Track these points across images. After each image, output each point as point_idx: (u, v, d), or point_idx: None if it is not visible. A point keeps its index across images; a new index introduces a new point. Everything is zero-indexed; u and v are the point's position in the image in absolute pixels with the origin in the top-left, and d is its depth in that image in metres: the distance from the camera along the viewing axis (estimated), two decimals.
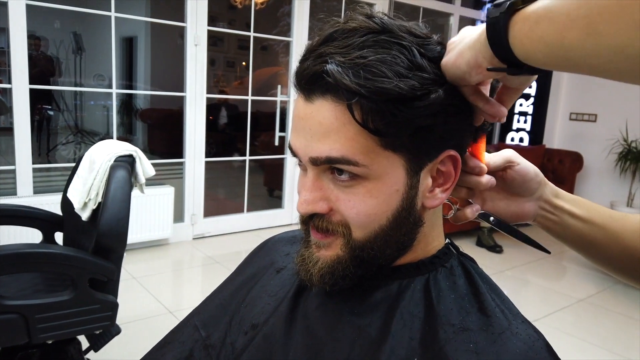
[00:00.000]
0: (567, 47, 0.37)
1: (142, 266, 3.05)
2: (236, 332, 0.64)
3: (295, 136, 0.52)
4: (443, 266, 0.56)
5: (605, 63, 0.35)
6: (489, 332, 0.49)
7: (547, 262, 3.71)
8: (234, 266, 0.80)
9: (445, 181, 0.54)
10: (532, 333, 0.50)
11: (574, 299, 3.03)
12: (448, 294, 0.54)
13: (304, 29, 3.98)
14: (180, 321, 0.73)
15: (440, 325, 0.51)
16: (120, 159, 1.64)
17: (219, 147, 6.55)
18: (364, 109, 0.47)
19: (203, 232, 3.69)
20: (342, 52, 0.47)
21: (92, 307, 1.45)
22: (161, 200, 3.31)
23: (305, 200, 0.52)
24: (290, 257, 0.69)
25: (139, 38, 7.78)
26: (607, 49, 0.34)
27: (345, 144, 0.48)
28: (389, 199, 0.51)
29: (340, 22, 0.51)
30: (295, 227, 3.74)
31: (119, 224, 1.49)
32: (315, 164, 0.51)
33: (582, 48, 0.36)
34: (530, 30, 0.40)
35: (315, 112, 0.49)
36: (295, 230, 0.75)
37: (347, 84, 0.46)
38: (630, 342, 2.53)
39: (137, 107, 7.38)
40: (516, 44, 0.41)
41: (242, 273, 0.73)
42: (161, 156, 6.38)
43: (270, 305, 0.63)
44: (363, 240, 0.52)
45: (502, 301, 0.54)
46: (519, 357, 0.47)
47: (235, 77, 8.55)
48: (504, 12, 0.41)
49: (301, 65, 0.50)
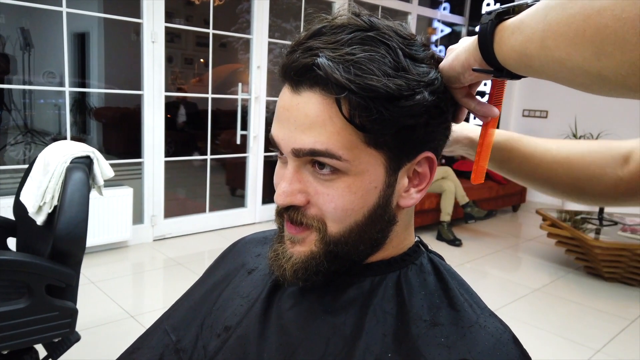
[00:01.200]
0: (529, 57, 0.42)
1: (100, 270, 2.95)
2: (208, 335, 0.63)
3: (279, 127, 0.52)
4: (413, 263, 0.58)
5: (555, 72, 0.41)
6: (459, 326, 0.51)
7: (503, 254, 3.84)
8: (197, 267, 0.79)
9: (420, 182, 0.55)
10: (499, 326, 0.52)
11: (529, 288, 3.15)
12: (419, 291, 0.55)
13: (264, 26, 3.95)
14: (150, 326, 0.72)
15: (412, 320, 0.52)
16: (77, 160, 1.58)
17: (178, 146, 6.41)
18: (351, 104, 0.48)
19: (164, 234, 3.61)
20: (331, 47, 0.48)
21: (50, 314, 1.39)
22: (119, 202, 3.21)
23: (284, 191, 0.52)
24: (261, 257, 0.69)
25: (92, 34, 7.51)
26: (552, 61, 0.40)
27: (331, 138, 0.49)
28: (367, 195, 0.52)
29: (328, 19, 0.52)
30: (258, 226, 3.72)
31: (78, 228, 1.44)
32: (297, 155, 0.51)
33: (538, 58, 0.41)
34: (507, 39, 0.45)
35: (301, 104, 0.50)
36: (266, 231, 0.75)
37: (338, 79, 0.46)
38: (583, 328, 2.65)
39: (91, 106, 7.13)
40: (497, 50, 0.46)
41: (213, 275, 0.72)
42: (118, 156, 6.19)
43: (243, 307, 0.62)
44: (338, 235, 0.53)
45: (470, 295, 0.56)
46: (488, 349, 0.49)
47: (194, 74, 8.40)
48: (492, 20, 0.46)
49: (289, 57, 0.51)
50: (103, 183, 1.67)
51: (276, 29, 4.70)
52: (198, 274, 3.36)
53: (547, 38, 0.39)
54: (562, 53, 0.38)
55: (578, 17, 0.36)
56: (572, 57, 0.38)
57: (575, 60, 0.38)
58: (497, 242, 4.15)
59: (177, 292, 2.77)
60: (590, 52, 0.36)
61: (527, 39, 0.42)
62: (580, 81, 0.40)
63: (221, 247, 3.88)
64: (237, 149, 4.18)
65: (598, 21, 0.35)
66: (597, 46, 0.35)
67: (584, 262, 3.44)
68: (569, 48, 0.37)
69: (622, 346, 2.45)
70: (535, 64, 0.42)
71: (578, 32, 0.36)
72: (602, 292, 3.16)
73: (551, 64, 0.40)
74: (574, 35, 0.37)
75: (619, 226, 3.50)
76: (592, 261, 3.32)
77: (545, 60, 0.41)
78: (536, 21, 0.41)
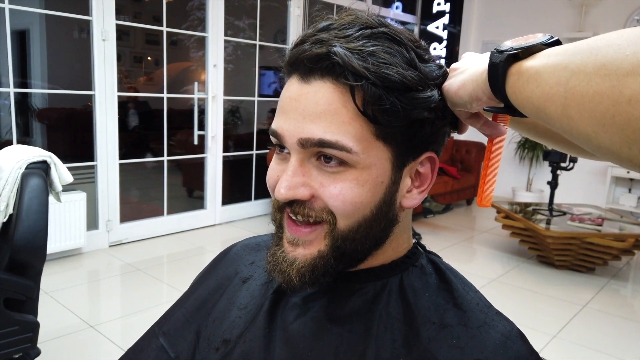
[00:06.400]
0: (548, 116, 0.39)
1: (54, 279, 2.81)
2: (206, 349, 0.61)
3: (284, 118, 0.51)
4: (414, 266, 0.58)
5: (578, 142, 0.38)
6: (468, 327, 0.51)
7: (459, 246, 3.96)
8: (157, 272, 0.76)
9: (421, 183, 0.55)
10: (506, 324, 0.53)
11: (486, 279, 3.26)
12: (423, 293, 0.55)
13: (220, 24, 3.88)
14: (139, 339, 0.68)
15: (421, 324, 0.52)
16: (33, 165, 1.50)
17: (129, 148, 6.20)
18: (365, 94, 0.47)
19: (120, 239, 3.49)
20: (342, 40, 0.48)
21: (10, 329, 1.32)
22: (72, 207, 3.07)
23: (287, 185, 0.50)
24: (255, 265, 0.67)
25: (32, 31, 7.13)
26: (577, 133, 0.37)
27: (341, 128, 0.48)
28: (375, 189, 0.51)
29: (333, 17, 0.52)
30: (219, 227, 3.64)
31: (37, 237, 1.37)
32: (304, 146, 0.49)
33: (560, 123, 0.38)
34: (521, 86, 0.41)
35: (311, 93, 0.49)
36: (258, 237, 0.73)
37: (355, 66, 0.46)
38: (539, 315, 2.77)
39: (34, 107, 6.77)
40: (510, 94, 0.43)
41: (205, 284, 0.69)
42: (65, 159, 5.91)
43: (242, 319, 0.60)
44: (347, 230, 0.51)
45: (475, 294, 0.56)
46: (499, 347, 0.50)
47: (143, 73, 8.14)
48: (503, 61, 0.43)
49: (298, 47, 0.50)
50: (61, 189, 1.59)
51: (229, 26, 4.62)
52: (158, 279, 3.25)
53: (570, 107, 0.36)
54: (588, 129, 0.35)
55: (606, 99, 0.33)
56: (599, 137, 0.35)
57: (602, 141, 0.35)
58: (454, 235, 4.27)
59: (137, 298, 2.70)
60: (620, 139, 0.33)
61: (546, 98, 0.39)
62: (607, 159, 0.37)
63: (180, 250, 3.78)
64: (194, 150, 4.09)
65: (628, 111, 0.32)
66: (628, 135, 0.33)
67: (536, 252, 3.60)
68: (597, 127, 0.34)
69: (576, 330, 2.58)
70: (556, 125, 0.39)
71: (607, 116, 0.33)
72: (554, 280, 3.32)
73: (575, 134, 0.37)
74: (602, 117, 0.34)
75: (568, 216, 3.69)
76: (544, 250, 3.48)
77: (569, 129, 0.37)
78: (556, 80, 0.38)
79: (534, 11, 5.38)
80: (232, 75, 5.08)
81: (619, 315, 2.81)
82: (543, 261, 3.61)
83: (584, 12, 5.06)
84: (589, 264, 3.39)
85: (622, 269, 3.58)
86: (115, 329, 2.34)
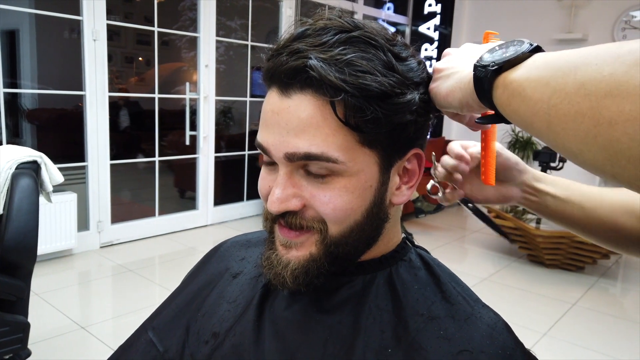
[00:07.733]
0: (536, 130, 0.40)
1: (44, 280, 2.79)
2: (195, 343, 0.61)
3: (267, 132, 0.51)
4: (402, 260, 0.59)
5: (565, 156, 0.39)
6: (456, 319, 0.52)
7: (450, 246, 3.98)
8: (148, 273, 0.76)
9: (410, 179, 0.56)
10: (492, 316, 0.54)
11: (478, 278, 3.28)
12: (411, 285, 0.56)
13: (211, 24, 3.87)
14: (130, 336, 0.68)
15: (409, 316, 0.53)
16: (23, 165, 1.49)
17: (120, 149, 6.17)
18: (346, 106, 0.47)
19: (111, 240, 3.47)
20: (318, 49, 0.48)
21: (0, 330, 1.31)
22: (63, 208, 3.05)
23: (278, 198, 0.50)
24: (246, 261, 0.68)
25: (22, 31, 7.07)
26: (563, 148, 0.37)
27: (326, 140, 0.48)
28: (364, 194, 0.51)
29: (309, 21, 0.51)
30: (211, 228, 3.65)
31: (27, 237, 1.36)
32: (291, 160, 0.50)
33: (547, 137, 0.39)
34: (507, 100, 0.42)
35: (293, 107, 0.49)
36: (249, 234, 0.74)
37: (332, 80, 0.46)
38: (529, 313, 2.80)
39: (23, 107, 6.72)
40: (498, 105, 0.44)
41: (195, 280, 0.70)
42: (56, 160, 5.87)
43: (231, 313, 0.61)
44: (339, 236, 0.52)
45: (462, 288, 0.57)
46: (485, 338, 0.51)
47: (134, 73, 8.10)
48: (487, 77, 0.43)
49: (275, 60, 0.50)
50: (52, 189, 1.58)
51: (221, 27, 4.62)
52: (150, 280, 3.25)
53: (554, 124, 0.37)
54: (572, 146, 0.36)
55: (587, 119, 0.33)
56: (584, 154, 0.35)
57: (587, 158, 0.35)
58: (446, 235, 4.30)
59: (128, 299, 2.69)
60: (603, 157, 0.33)
61: (532, 113, 0.39)
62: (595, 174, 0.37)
63: (172, 251, 3.77)
64: (186, 150, 4.08)
65: (610, 133, 0.32)
66: (611, 155, 0.33)
67: (527, 251, 3.63)
68: (580, 145, 0.35)
69: (566, 328, 2.61)
70: (545, 139, 0.39)
71: (589, 135, 0.34)
72: (544, 278, 3.35)
73: (561, 150, 0.38)
74: (585, 136, 0.34)
75: None
76: (534, 249, 3.51)
77: (555, 144, 0.38)
78: (539, 96, 0.38)
79: (524, 12, 5.43)
80: (224, 75, 5.07)
81: (608, 313, 2.84)
82: (533, 260, 3.64)
83: (573, 14, 5.11)
84: (578, 263, 3.42)
85: (610, 268, 3.62)
86: (106, 330, 2.33)
